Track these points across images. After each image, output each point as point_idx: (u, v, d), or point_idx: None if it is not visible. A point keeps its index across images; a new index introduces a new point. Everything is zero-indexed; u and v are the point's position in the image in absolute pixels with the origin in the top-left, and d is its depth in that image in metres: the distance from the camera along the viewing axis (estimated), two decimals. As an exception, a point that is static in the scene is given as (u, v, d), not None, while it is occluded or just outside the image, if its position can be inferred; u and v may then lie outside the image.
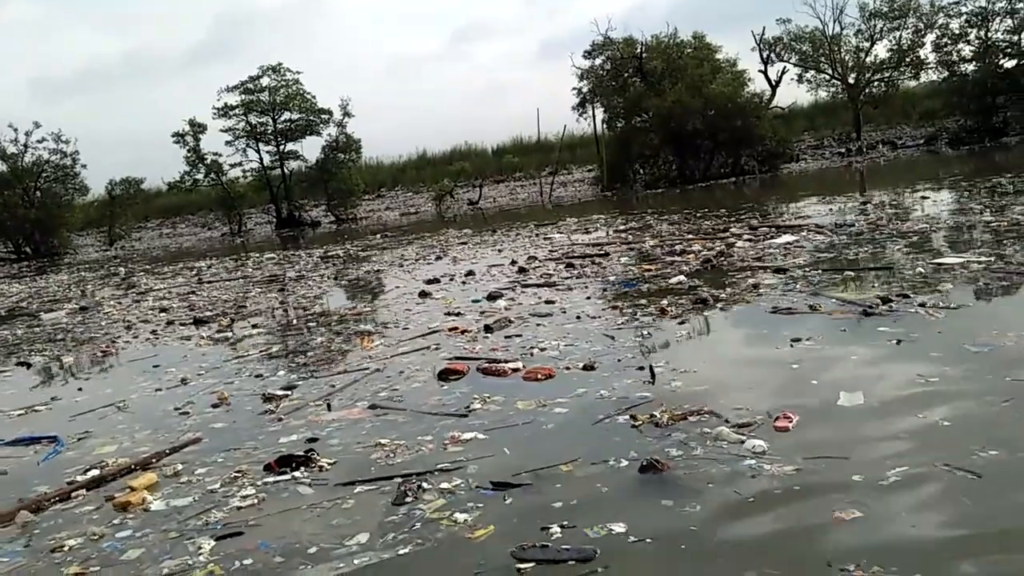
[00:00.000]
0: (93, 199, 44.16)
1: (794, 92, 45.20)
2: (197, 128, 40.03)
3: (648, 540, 3.12)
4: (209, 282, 16.53)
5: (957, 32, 34.44)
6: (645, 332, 6.65)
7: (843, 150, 39.87)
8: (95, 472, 4.75)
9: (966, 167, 23.05)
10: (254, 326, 9.81)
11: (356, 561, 3.21)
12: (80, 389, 7.20)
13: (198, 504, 4.06)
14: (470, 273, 12.29)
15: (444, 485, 3.88)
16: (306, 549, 3.38)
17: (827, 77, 38.35)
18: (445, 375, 6.04)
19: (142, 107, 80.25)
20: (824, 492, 3.34)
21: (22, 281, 25.80)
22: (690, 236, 13.42)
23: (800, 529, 3.09)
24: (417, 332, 7.99)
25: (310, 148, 42.00)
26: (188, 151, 40.00)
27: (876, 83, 37.22)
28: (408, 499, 3.76)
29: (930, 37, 35.70)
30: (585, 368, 5.71)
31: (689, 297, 7.98)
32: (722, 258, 10.29)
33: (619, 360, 5.85)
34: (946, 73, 35.35)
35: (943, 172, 21.81)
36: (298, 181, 42.14)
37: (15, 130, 38.70)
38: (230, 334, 9.35)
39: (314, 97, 40.27)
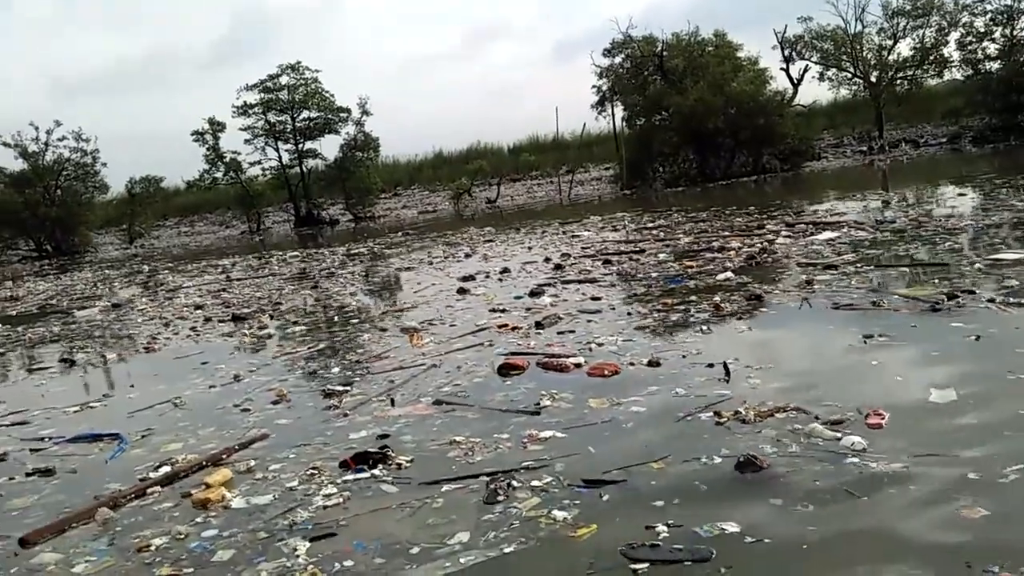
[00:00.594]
0: (111, 197, 44.39)
1: (815, 90, 44.85)
2: (216, 127, 40.16)
3: (766, 540, 3.02)
4: (238, 280, 16.50)
5: (982, 30, 34.05)
6: (704, 328, 6.52)
7: (864, 148, 39.54)
8: (167, 469, 4.68)
9: (994, 165, 22.75)
10: (295, 322, 9.75)
11: (462, 560, 3.13)
12: (132, 386, 7.15)
13: (280, 503, 3.99)
14: (505, 270, 12.21)
15: (535, 483, 3.79)
16: (407, 549, 3.29)
17: (849, 75, 38.01)
18: (505, 370, 5.95)
19: (157, 107, 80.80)
20: (942, 490, 3.23)
21: (47, 279, 25.91)
22: (725, 233, 13.28)
23: (925, 528, 2.99)
24: (465, 329, 7.91)
25: (328, 146, 42.08)
26: (207, 149, 40.15)
27: (899, 81, 36.81)
28: (500, 497, 3.67)
29: (954, 35, 35.34)
30: (650, 364, 5.61)
31: (741, 294, 7.85)
32: (765, 255, 10.15)
33: (683, 356, 5.75)
34: (970, 71, 34.95)
35: (972, 170, 21.54)
36: (316, 179, 42.20)
37: (36, 128, 38.92)
38: (273, 331, 9.28)
39: (332, 95, 40.34)
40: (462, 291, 10.61)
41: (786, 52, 36.48)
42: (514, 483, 3.82)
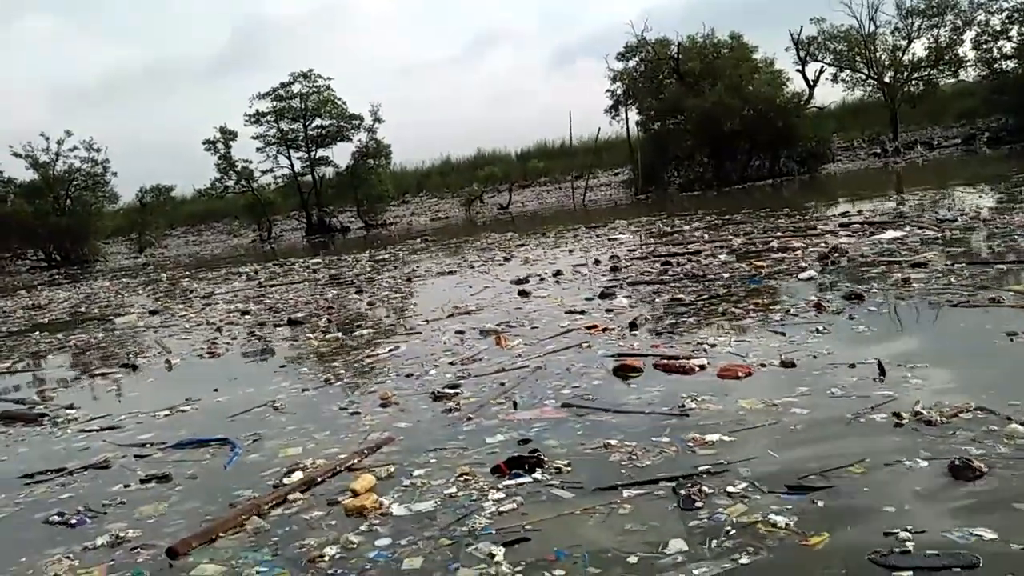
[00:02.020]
0: (119, 207, 44.13)
1: (829, 92, 44.67)
2: (228, 135, 39.89)
3: (1037, 547, 2.76)
4: (272, 286, 16.23)
5: (998, 28, 33.96)
6: (819, 328, 6.28)
7: (878, 151, 39.40)
8: (299, 475, 4.41)
9: (1015, 166, 22.54)
10: (358, 325, 9.49)
11: (696, 572, 2.87)
12: (215, 390, 6.88)
13: (447, 508, 3.74)
14: (558, 272, 11.99)
15: (730, 489, 3.53)
16: (623, 558, 3.04)
17: (863, 76, 37.90)
18: (622, 372, 5.70)
19: (158, 117, 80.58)
20: None
21: (62, 288, 25.57)
22: (778, 234, 13.06)
23: None
24: (549, 331, 7.66)
25: (339, 154, 41.85)
26: (219, 158, 39.87)
27: (914, 81, 36.70)
28: (698, 504, 3.42)
29: (969, 34, 35.26)
30: (783, 365, 5.36)
31: (835, 292, 7.61)
32: (837, 254, 9.90)
33: (814, 357, 5.49)
34: (986, 71, 34.86)
35: (1000, 170, 21.33)
36: (327, 187, 41.96)
37: (47, 139, 38.67)
38: (339, 334, 9.03)
39: (345, 103, 40.12)
40: (523, 293, 10.38)
41: (802, 53, 36.26)
42: (704, 488, 3.55)
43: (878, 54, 37.37)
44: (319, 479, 4.33)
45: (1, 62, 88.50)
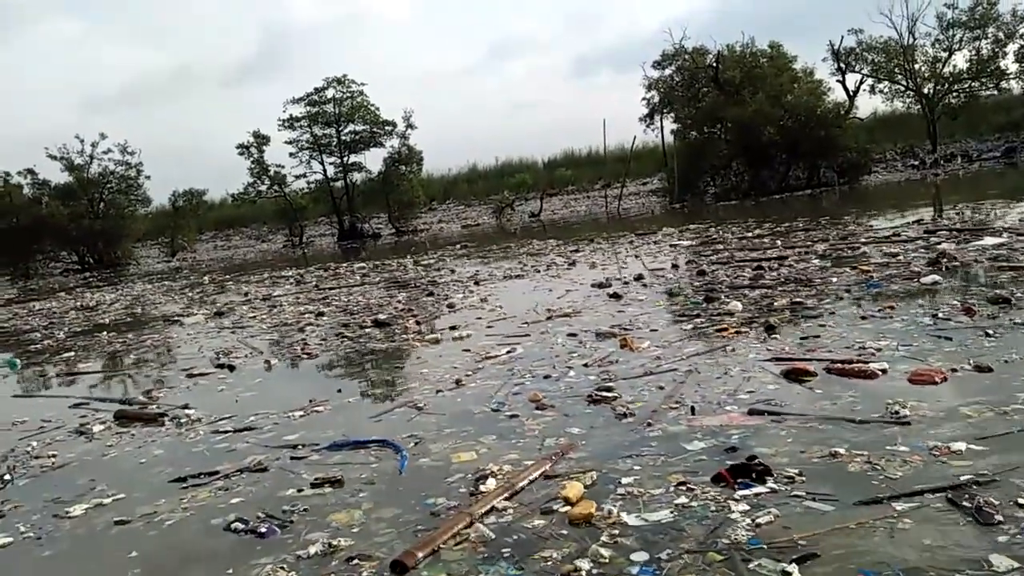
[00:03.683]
0: (148, 210, 44.19)
1: (864, 103, 44.21)
2: (261, 140, 39.86)
3: None
4: (328, 289, 15.98)
5: (1042, 41, 33.49)
6: (990, 332, 5.92)
7: (915, 163, 38.92)
8: (491, 482, 4.09)
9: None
10: (452, 327, 9.18)
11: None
12: (339, 391, 6.58)
13: (688, 520, 3.42)
14: (640, 276, 11.67)
15: (1021, 500, 3.19)
16: (950, 578, 2.69)
17: (902, 87, 37.45)
18: (794, 376, 5.36)
19: (185, 122, 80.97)
20: None
21: (103, 290, 25.44)
22: (863, 240, 12.70)
23: None
24: (673, 333, 7.33)
25: (371, 159, 41.76)
26: (252, 163, 39.82)
27: (956, 94, 36.21)
28: (997, 517, 3.07)
29: (1012, 47, 34.78)
30: (979, 370, 5.01)
31: (975, 297, 7.26)
32: (947, 259, 9.53)
33: (1006, 361, 5.14)
34: (1029, 83, 34.40)
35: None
36: (359, 192, 41.86)
37: (81, 141, 38.78)
38: (438, 335, 8.73)
39: (378, 108, 40.02)
40: (615, 296, 10.09)
41: (842, 64, 35.87)
42: (992, 500, 3.20)
43: (917, 65, 36.88)
44: (521, 486, 4.00)
45: (27, 65, 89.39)
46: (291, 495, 4.27)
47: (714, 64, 34.87)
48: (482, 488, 4.04)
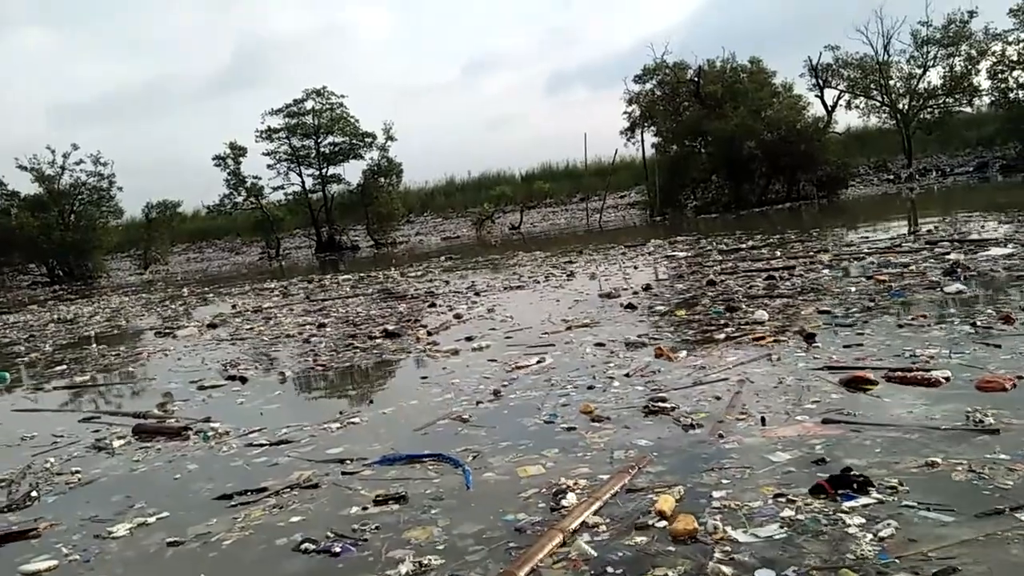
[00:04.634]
0: (120, 222, 43.34)
1: (841, 118, 44.79)
2: (237, 151, 39.34)
3: None
4: (321, 300, 15.65)
5: (1014, 59, 34.23)
6: (1040, 339, 5.85)
7: (891, 177, 39.58)
8: (571, 496, 3.89)
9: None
10: (468, 338, 8.96)
11: None
12: (371, 402, 6.33)
13: (800, 533, 3.24)
14: (648, 287, 11.63)
15: None
16: None
17: (877, 103, 38.07)
18: (856, 384, 5.23)
19: (157, 134, 79.82)
20: None
21: (77, 303, 24.74)
22: (868, 250, 12.74)
23: None
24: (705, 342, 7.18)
25: (349, 172, 41.42)
26: (228, 174, 39.26)
27: (930, 109, 36.89)
28: None
29: (985, 64, 35.53)
30: (1044, 377, 4.91)
31: (1007, 305, 7.22)
32: (961, 269, 9.54)
33: (1068, 369, 5.05)
34: (1001, 99, 35.10)
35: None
36: (337, 204, 41.44)
37: (52, 152, 37.92)
38: (456, 346, 8.50)
39: (357, 120, 39.73)
40: (630, 306, 9.94)
41: (821, 79, 36.37)
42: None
43: (893, 81, 37.53)
44: (604, 501, 3.80)
45: None
46: (356, 513, 4.01)
47: (695, 79, 35.13)
48: (563, 503, 3.82)
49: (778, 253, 14.39)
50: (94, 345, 12.25)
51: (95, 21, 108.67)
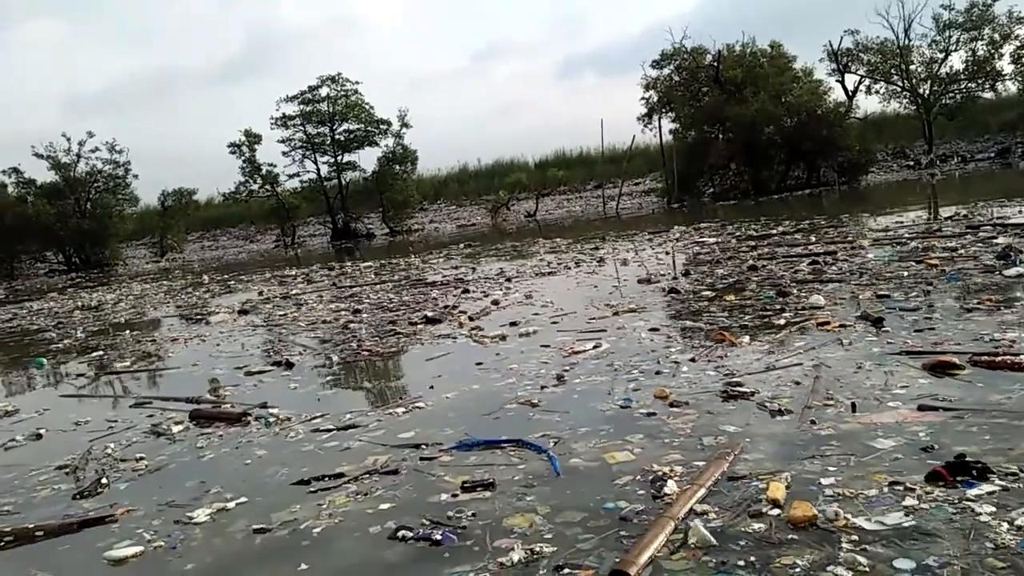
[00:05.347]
0: (135, 210, 43.35)
1: (862, 104, 44.17)
2: (252, 139, 39.20)
3: None
4: (349, 287, 15.54)
5: (1037, 42, 33.73)
6: None
7: (911, 163, 39.14)
8: (672, 484, 3.75)
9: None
10: (512, 323, 8.82)
11: None
12: (431, 387, 6.21)
13: (929, 521, 3.09)
14: (687, 273, 11.45)
15: None
16: None
17: (898, 88, 37.60)
18: (941, 369, 5.07)
19: (170, 124, 79.75)
20: None
21: (98, 291, 24.71)
22: (909, 235, 12.54)
23: None
24: (765, 326, 7.03)
25: (364, 159, 41.27)
26: (244, 161, 39.15)
27: (952, 95, 36.40)
28: None
29: (1008, 48, 35.02)
30: None
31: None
32: (1014, 252, 9.34)
33: None
34: (1024, 84, 34.64)
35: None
36: (352, 192, 41.30)
37: (68, 140, 37.88)
38: (503, 332, 8.36)
39: (372, 107, 39.51)
40: (674, 292, 9.80)
41: (842, 64, 35.93)
42: None
43: (914, 66, 37.04)
44: (706, 488, 3.67)
45: (10, 66, 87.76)
46: (446, 500, 3.88)
47: (715, 63, 34.76)
48: (664, 491, 3.69)
49: (812, 238, 14.18)
50: (127, 332, 12.17)
51: (106, 11, 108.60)
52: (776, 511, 3.37)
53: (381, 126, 39.71)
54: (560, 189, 51.48)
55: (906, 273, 9.01)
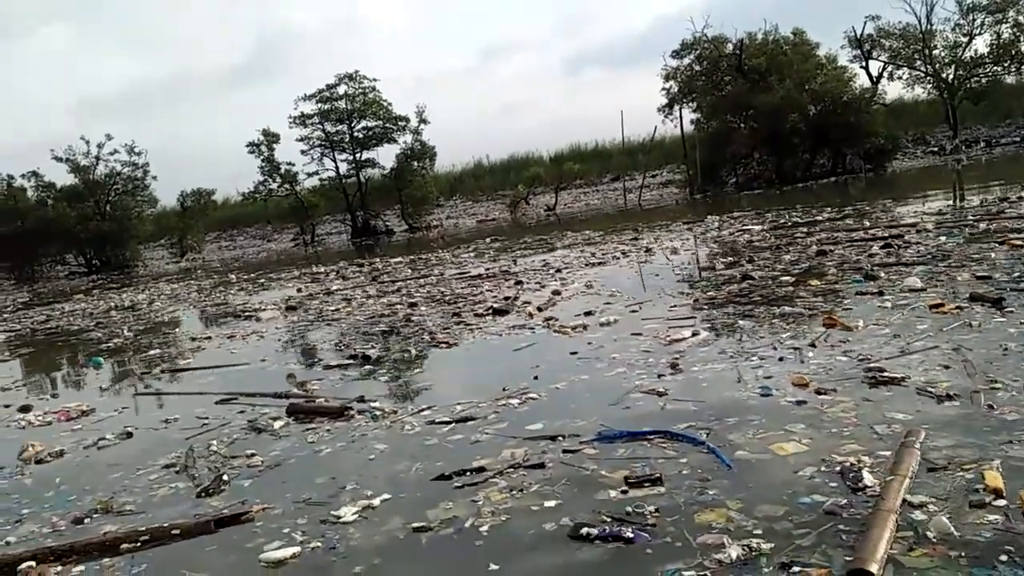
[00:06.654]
0: (153, 211, 43.21)
1: (888, 89, 43.51)
2: (271, 138, 38.96)
3: None
4: (392, 281, 15.27)
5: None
6: None
7: (937, 148, 38.64)
8: (867, 475, 3.46)
9: None
10: (587, 313, 8.55)
11: None
12: (536, 378, 5.93)
13: None
14: (751, 260, 11.09)
15: None
16: None
17: (921, 73, 37.11)
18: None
19: (184, 126, 79.76)
20: None
21: (126, 292, 24.52)
22: (973, 218, 12.22)
23: None
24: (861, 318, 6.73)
25: (382, 156, 40.96)
26: (263, 160, 38.92)
27: (976, 79, 35.88)
28: None
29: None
30: None
31: None
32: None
33: None
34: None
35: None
36: (371, 189, 41.05)
37: (87, 142, 37.75)
38: (583, 322, 8.08)
39: (390, 104, 39.20)
40: (747, 278, 9.51)
41: (865, 50, 35.47)
42: None
43: (937, 51, 36.54)
44: (904, 479, 3.37)
45: (24, 72, 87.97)
46: (616, 497, 3.60)
47: (737, 52, 34.34)
48: (863, 483, 3.39)
49: (866, 223, 13.85)
50: (176, 329, 11.93)
51: (119, 16, 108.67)
52: (1001, 501, 3.07)
53: (399, 123, 39.38)
54: (576, 183, 51.09)
55: (993, 255, 8.67)
